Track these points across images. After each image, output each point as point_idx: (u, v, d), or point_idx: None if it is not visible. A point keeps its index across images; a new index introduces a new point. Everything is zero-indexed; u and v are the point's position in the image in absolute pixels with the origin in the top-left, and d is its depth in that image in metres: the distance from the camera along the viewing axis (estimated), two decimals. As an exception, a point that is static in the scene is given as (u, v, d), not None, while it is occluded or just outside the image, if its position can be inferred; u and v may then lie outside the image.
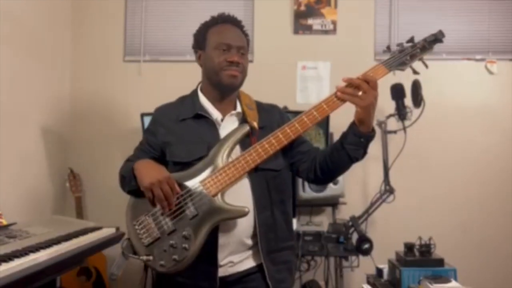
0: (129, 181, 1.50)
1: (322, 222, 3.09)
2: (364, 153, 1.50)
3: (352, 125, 1.46)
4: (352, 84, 1.40)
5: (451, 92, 3.18)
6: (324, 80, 3.21)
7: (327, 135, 2.86)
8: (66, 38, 3.29)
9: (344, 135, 1.48)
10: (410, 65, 1.48)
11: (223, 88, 1.56)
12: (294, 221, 2.84)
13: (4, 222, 2.07)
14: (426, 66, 1.55)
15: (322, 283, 2.98)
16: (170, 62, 3.25)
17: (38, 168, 2.92)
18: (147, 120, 2.88)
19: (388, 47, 1.50)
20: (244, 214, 1.41)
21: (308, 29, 3.23)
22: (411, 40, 1.51)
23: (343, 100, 1.42)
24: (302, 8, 3.23)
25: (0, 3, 2.49)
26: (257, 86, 3.14)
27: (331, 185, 2.82)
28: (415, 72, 1.53)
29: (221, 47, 1.52)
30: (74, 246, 1.85)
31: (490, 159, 3.14)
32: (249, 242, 1.50)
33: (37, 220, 2.34)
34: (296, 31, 3.24)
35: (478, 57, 3.19)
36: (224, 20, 1.59)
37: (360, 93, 1.38)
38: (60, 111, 3.18)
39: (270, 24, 3.26)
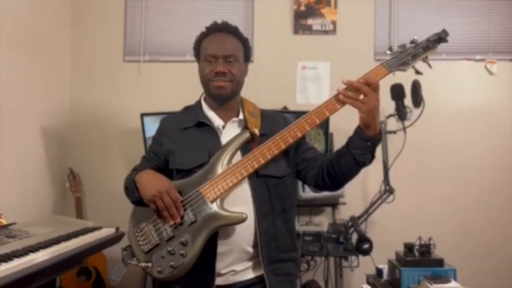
0: (131, 192, 1.52)
1: (322, 222, 3.08)
2: (372, 157, 1.48)
3: (358, 129, 1.44)
4: (352, 87, 1.38)
5: (451, 92, 3.18)
6: (324, 80, 3.21)
7: (327, 135, 2.86)
8: (66, 38, 3.29)
9: (350, 140, 1.46)
10: (412, 65, 1.45)
11: (214, 98, 1.57)
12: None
13: (4, 222, 2.07)
14: (430, 66, 1.51)
15: (322, 283, 2.98)
16: (170, 62, 3.25)
17: (38, 168, 2.92)
18: (147, 120, 2.91)
19: (390, 48, 1.48)
20: (242, 220, 1.40)
21: (308, 29, 3.24)
22: (413, 41, 1.48)
23: (343, 104, 1.40)
24: (302, 8, 3.23)
25: (0, 3, 2.49)
26: (257, 86, 3.18)
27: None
28: (417, 72, 1.49)
29: (208, 58, 1.53)
30: (73, 246, 1.85)
31: (490, 159, 3.14)
32: (251, 250, 1.48)
33: (37, 220, 2.34)
34: (296, 31, 3.24)
35: (478, 57, 3.19)
36: (215, 30, 1.57)
37: (362, 96, 1.36)
38: (60, 111, 3.18)
39: (270, 24, 3.26)
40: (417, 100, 2.77)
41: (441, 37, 1.49)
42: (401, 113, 2.82)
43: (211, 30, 1.58)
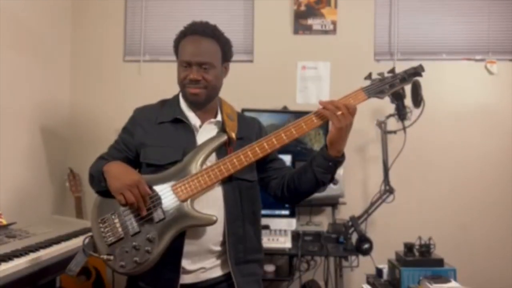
0: (98, 182, 1.48)
1: (321, 222, 3.09)
2: (332, 178, 1.52)
3: (323, 148, 1.49)
4: (333, 104, 1.43)
5: (451, 93, 3.18)
6: (324, 80, 3.21)
7: (327, 135, 2.85)
8: (66, 38, 3.29)
9: (314, 157, 1.51)
10: (388, 94, 1.54)
11: (189, 103, 1.57)
12: (294, 221, 2.85)
13: (4, 222, 2.07)
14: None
15: (321, 283, 2.98)
16: (170, 62, 3.21)
17: (37, 168, 2.92)
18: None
19: (370, 75, 1.54)
20: (212, 222, 1.40)
21: (308, 29, 3.23)
22: (392, 70, 1.55)
23: (322, 119, 1.45)
24: (302, 8, 3.23)
25: (0, 3, 2.49)
26: (257, 86, 3.19)
27: (331, 185, 2.81)
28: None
29: (183, 64, 1.52)
30: (73, 245, 1.86)
31: (490, 159, 3.14)
32: (218, 249, 1.49)
33: (37, 220, 2.35)
34: (296, 31, 3.24)
35: (478, 57, 3.19)
36: (192, 32, 1.54)
37: (340, 113, 1.41)
38: (60, 110, 3.18)
39: (270, 24, 3.26)
40: (417, 100, 2.77)
41: (417, 72, 1.57)
42: (401, 113, 2.82)
43: (188, 32, 1.55)
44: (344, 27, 3.22)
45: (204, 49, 1.52)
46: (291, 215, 2.86)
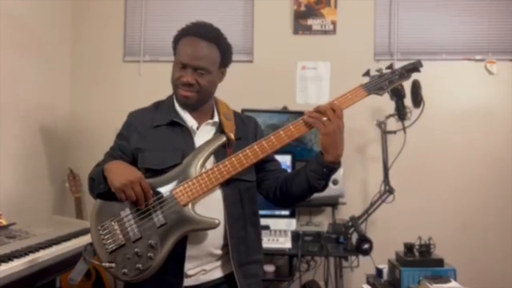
0: (98, 183, 1.44)
1: (321, 222, 3.09)
2: (326, 185, 1.49)
3: (319, 153, 1.45)
4: (319, 110, 1.40)
5: (450, 92, 3.18)
6: (323, 80, 3.21)
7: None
8: (66, 38, 3.29)
9: (309, 161, 1.48)
10: (387, 91, 1.51)
11: (180, 103, 1.54)
12: (294, 221, 2.85)
13: (4, 222, 2.07)
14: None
15: (322, 283, 2.98)
16: (170, 62, 3.20)
17: (37, 168, 2.92)
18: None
19: (368, 72, 1.53)
20: (214, 226, 1.38)
21: (308, 29, 3.24)
22: (390, 66, 1.53)
23: (309, 127, 1.42)
24: (302, 8, 3.23)
25: (0, 3, 2.49)
26: (257, 86, 3.19)
27: (331, 185, 2.81)
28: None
29: (179, 64, 1.50)
30: (74, 246, 1.86)
31: (490, 159, 3.14)
32: (219, 252, 1.47)
33: (37, 220, 2.34)
34: (296, 31, 3.24)
35: (478, 57, 3.19)
36: (194, 33, 1.50)
37: (325, 118, 1.38)
38: (60, 111, 3.18)
39: (270, 24, 3.26)
40: (417, 100, 2.77)
41: (415, 67, 1.54)
42: (401, 113, 2.82)
43: (190, 32, 1.51)
44: (344, 27, 3.22)
45: (203, 54, 1.48)
46: (291, 215, 2.86)
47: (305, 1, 3.22)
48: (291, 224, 2.84)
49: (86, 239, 1.94)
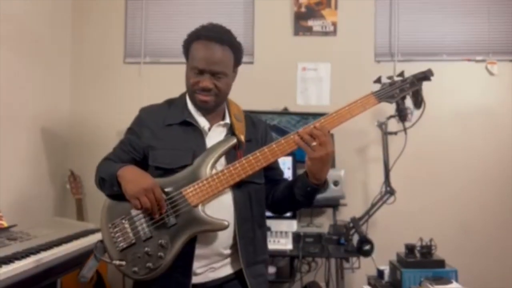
0: (110, 186, 1.45)
1: (322, 223, 3.08)
2: (310, 203, 1.51)
3: (304, 173, 1.46)
4: (310, 133, 1.40)
5: (451, 93, 3.18)
6: (324, 82, 3.21)
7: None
8: (67, 39, 3.29)
9: (296, 177, 1.52)
10: (398, 99, 1.54)
11: (197, 107, 1.55)
12: (295, 222, 2.85)
13: (5, 224, 2.07)
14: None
15: (323, 284, 2.98)
16: (170, 63, 3.25)
17: (38, 170, 2.92)
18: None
19: (379, 79, 1.54)
20: (224, 227, 1.40)
21: (309, 30, 3.24)
22: (401, 74, 1.55)
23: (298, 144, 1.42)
24: (302, 9, 3.23)
25: (0, 4, 2.49)
26: (258, 88, 3.19)
27: (332, 186, 2.82)
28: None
29: (195, 70, 1.49)
30: (75, 248, 1.86)
31: (491, 160, 3.14)
32: (228, 251, 1.50)
33: (38, 222, 2.34)
34: (296, 33, 3.24)
35: (478, 58, 3.19)
36: (207, 37, 1.49)
37: (314, 143, 1.39)
38: (60, 112, 3.18)
39: (270, 25, 3.26)
40: (418, 101, 2.76)
41: (426, 76, 1.56)
42: (402, 114, 2.82)
43: (202, 36, 1.50)
44: (344, 28, 3.22)
45: (219, 58, 1.47)
46: (292, 216, 2.85)
47: (306, 2, 3.22)
48: (292, 225, 2.83)
49: (87, 241, 1.95)
